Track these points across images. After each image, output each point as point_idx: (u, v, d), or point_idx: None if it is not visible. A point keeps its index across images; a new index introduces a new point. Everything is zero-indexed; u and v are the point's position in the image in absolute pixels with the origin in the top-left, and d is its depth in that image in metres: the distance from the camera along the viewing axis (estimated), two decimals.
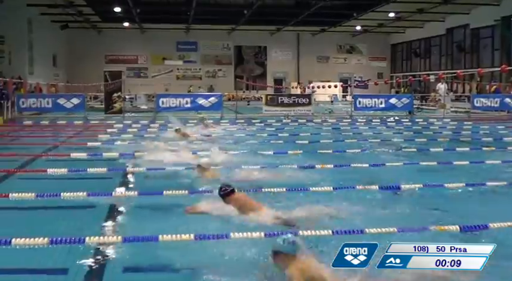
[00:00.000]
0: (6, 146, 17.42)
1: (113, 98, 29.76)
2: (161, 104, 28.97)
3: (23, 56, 38.25)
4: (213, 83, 53.69)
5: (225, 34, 53.49)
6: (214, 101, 29.07)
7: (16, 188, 9.20)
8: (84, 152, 14.35)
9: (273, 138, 18.47)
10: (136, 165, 12.25)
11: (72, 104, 28.87)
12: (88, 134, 20.60)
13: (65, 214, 7.93)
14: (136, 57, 54.92)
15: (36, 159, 13.74)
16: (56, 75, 46.55)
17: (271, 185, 9.43)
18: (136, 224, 7.54)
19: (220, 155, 12.99)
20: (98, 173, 11.15)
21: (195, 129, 20.99)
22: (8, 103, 28.27)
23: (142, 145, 16.28)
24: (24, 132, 21.29)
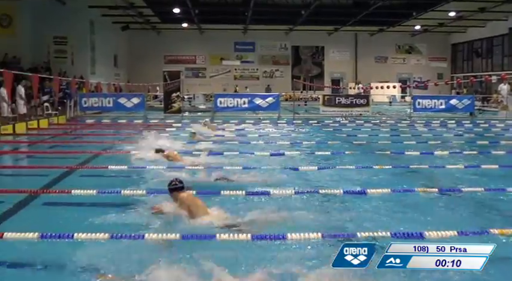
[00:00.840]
0: (68, 144, 17.86)
1: (172, 98, 30.19)
2: (219, 104, 29.19)
3: (85, 56, 39.17)
4: (270, 83, 53.76)
5: (282, 34, 53.48)
6: (272, 101, 29.10)
7: (78, 185, 9.49)
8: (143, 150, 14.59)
9: (330, 138, 18.36)
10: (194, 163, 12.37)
11: (132, 104, 29.43)
12: (148, 132, 20.89)
13: (124, 210, 8.05)
14: (194, 57, 55.49)
15: (97, 156, 14.06)
16: (116, 75, 47.49)
17: (330, 186, 9.43)
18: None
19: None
20: (156, 171, 11.34)
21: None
22: (71, 102, 29.06)
23: (200, 143, 16.47)
24: (86, 131, 21.78)
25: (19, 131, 21.14)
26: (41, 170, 11.81)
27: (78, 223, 7.33)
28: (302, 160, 13.32)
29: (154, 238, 6.31)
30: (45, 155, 14.96)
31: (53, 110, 27.49)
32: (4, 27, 34.11)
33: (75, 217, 7.67)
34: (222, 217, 7.49)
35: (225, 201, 8.38)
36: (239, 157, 13.74)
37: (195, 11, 41.40)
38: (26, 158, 15.22)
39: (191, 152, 14.12)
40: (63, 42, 37.83)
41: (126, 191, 8.92)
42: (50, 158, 14.06)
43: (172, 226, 7.09)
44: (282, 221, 7.45)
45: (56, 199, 8.80)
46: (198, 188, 8.71)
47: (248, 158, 13.59)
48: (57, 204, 8.51)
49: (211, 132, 19.82)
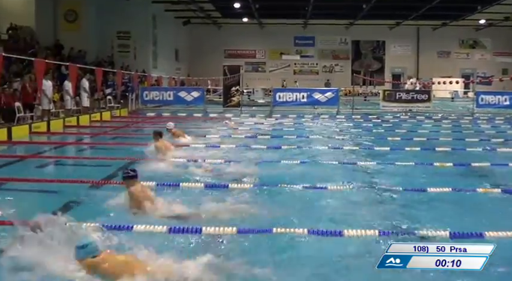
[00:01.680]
0: (130, 135, 18.18)
1: (231, 92, 30.38)
2: (278, 99, 29.18)
3: (148, 50, 39.84)
4: (329, 78, 53.47)
5: (342, 29, 53.09)
6: (331, 96, 28.89)
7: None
8: (203, 143, 14.80)
9: (389, 134, 18.13)
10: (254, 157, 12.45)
11: (192, 97, 29.73)
12: (207, 125, 21.15)
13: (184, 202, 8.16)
14: (254, 52, 55.70)
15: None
16: (177, 69, 48.10)
17: (389, 183, 9.34)
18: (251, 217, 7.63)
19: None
20: (215, 164, 11.46)
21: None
22: (133, 96, 29.63)
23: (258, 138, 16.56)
24: (146, 124, 22.14)
25: (83, 123, 21.71)
26: (103, 161, 12.05)
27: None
28: (360, 155, 13.21)
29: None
30: (107, 146, 15.31)
31: (115, 103, 28.10)
32: (70, 23, 35.04)
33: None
34: (170, 208, 7.48)
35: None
36: (298, 150, 13.75)
37: (255, 6, 41.50)
38: (89, 149, 15.54)
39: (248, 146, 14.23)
40: (126, 37, 38.59)
41: (185, 184, 9.07)
42: (112, 150, 14.33)
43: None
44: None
45: (119, 190, 8.96)
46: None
47: (306, 152, 13.60)
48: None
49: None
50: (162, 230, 6.38)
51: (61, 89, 23.21)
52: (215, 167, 10.97)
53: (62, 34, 34.42)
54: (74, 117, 22.01)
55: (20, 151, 15.24)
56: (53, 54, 28.81)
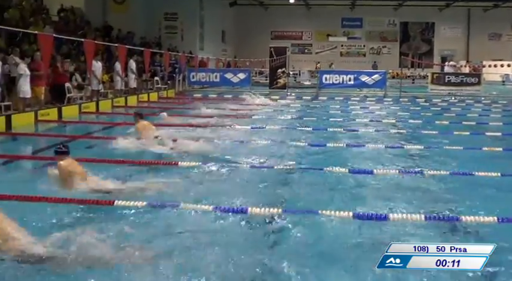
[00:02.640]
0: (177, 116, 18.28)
1: (277, 74, 30.36)
2: (324, 81, 29.03)
3: (194, 32, 40.00)
4: (377, 60, 52.81)
5: (391, 10, 52.22)
6: (378, 78, 28.58)
7: (185, 158, 9.85)
8: (248, 126, 14.88)
9: (438, 117, 17.88)
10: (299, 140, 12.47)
11: (238, 79, 29.84)
12: (252, 107, 21.20)
13: (230, 183, 8.25)
14: (301, 33, 55.36)
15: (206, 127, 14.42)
16: (224, 51, 48.21)
17: (436, 167, 9.24)
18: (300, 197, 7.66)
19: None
20: (262, 145, 11.53)
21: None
22: (180, 77, 29.89)
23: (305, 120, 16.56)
24: (193, 105, 22.30)
25: (130, 104, 22.03)
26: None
27: (183, 193, 7.58)
28: (407, 139, 13.09)
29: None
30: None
31: (162, 84, 28.40)
32: (118, 4, 35.47)
33: (179, 189, 7.92)
34: (100, 183, 7.75)
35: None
36: (343, 134, 13.70)
37: None
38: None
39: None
40: (173, 18, 38.83)
41: (232, 165, 9.18)
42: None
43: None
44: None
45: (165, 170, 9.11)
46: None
47: (352, 134, 13.55)
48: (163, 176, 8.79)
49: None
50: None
51: (110, 70, 23.57)
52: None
53: (110, 15, 34.88)
54: (122, 98, 22.36)
55: (69, 130, 15.54)
56: (102, 36, 29.22)
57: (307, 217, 6.39)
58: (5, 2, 24.06)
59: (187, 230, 6.00)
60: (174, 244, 5.56)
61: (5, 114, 14.99)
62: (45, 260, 5.07)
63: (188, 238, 5.77)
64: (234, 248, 5.48)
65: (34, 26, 22.78)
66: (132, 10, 35.32)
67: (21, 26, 20.77)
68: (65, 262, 5.02)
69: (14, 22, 21.38)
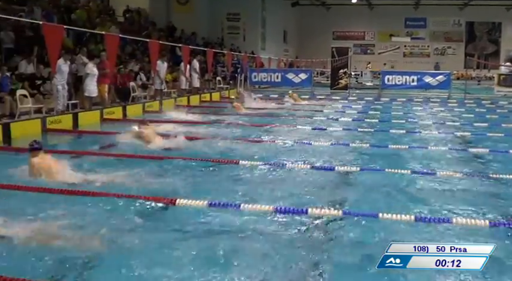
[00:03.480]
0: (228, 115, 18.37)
1: (339, 74, 30.19)
2: (386, 81, 28.66)
3: (256, 32, 40.21)
4: (441, 61, 51.75)
5: (456, 10, 51.14)
6: (442, 79, 27.98)
7: (245, 157, 9.93)
8: (309, 126, 14.86)
9: (504, 120, 17.41)
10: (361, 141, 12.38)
11: (299, 79, 29.80)
12: (314, 108, 21.17)
13: (291, 183, 8.27)
14: (363, 33, 54.88)
15: (267, 127, 14.51)
16: (285, 51, 48.27)
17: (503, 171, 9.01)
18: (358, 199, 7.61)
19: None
20: (322, 146, 11.52)
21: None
22: (242, 77, 30.08)
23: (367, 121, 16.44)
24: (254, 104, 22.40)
25: (193, 103, 22.32)
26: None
27: (244, 194, 7.62)
28: (471, 141, 12.82)
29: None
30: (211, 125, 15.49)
31: (224, 84, 28.66)
32: (182, 5, 36.01)
33: (239, 188, 7.99)
34: (73, 176, 8.04)
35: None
36: (405, 135, 13.53)
37: None
38: (201, 129, 15.72)
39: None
40: (235, 18, 39.15)
41: (292, 165, 9.19)
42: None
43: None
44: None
45: (224, 168, 9.19)
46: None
47: (414, 137, 13.36)
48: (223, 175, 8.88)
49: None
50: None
51: (173, 69, 23.95)
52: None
53: (174, 16, 35.46)
54: (184, 98, 22.68)
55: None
56: (166, 36, 29.71)
57: (367, 220, 6.34)
58: (73, 3, 24.76)
59: (247, 230, 6.04)
60: (234, 244, 5.61)
61: (72, 112, 15.43)
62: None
63: (247, 238, 5.81)
64: (291, 249, 5.49)
65: (100, 26, 23.36)
66: (196, 11, 35.80)
67: (88, 27, 21.32)
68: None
69: (81, 23, 21.98)
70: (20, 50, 17.24)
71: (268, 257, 5.26)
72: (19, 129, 12.78)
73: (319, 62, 39.35)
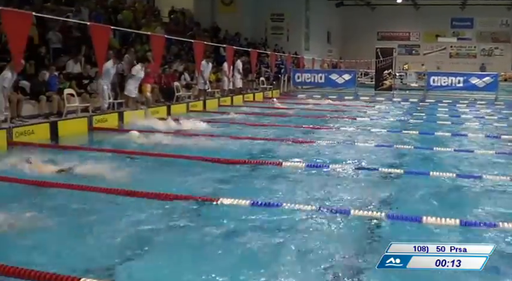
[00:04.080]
0: (280, 117, 18.37)
1: (383, 75, 29.93)
2: (432, 83, 28.27)
3: (300, 32, 40.13)
4: (487, 62, 50.74)
5: (504, 10, 50.01)
6: (489, 81, 27.45)
7: (288, 157, 9.94)
8: (354, 126, 14.81)
9: None
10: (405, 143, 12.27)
11: (343, 80, 29.65)
12: (357, 109, 21.06)
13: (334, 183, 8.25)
14: (408, 34, 54.22)
15: (312, 130, 14.50)
16: (329, 52, 48.07)
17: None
18: (401, 202, 7.53)
19: None
20: (365, 147, 11.45)
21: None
22: (285, 77, 30.08)
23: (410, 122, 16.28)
24: (298, 106, 22.39)
25: (236, 103, 22.43)
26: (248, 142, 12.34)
27: (285, 193, 7.64)
28: None
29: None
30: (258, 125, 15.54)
31: (267, 85, 28.70)
32: (226, 5, 36.19)
33: (284, 188, 7.99)
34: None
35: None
36: (451, 138, 13.34)
37: None
38: (243, 128, 15.74)
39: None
40: (279, 19, 39.14)
41: (334, 166, 9.16)
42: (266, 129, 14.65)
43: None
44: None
45: (266, 170, 9.21)
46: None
47: (460, 139, 13.18)
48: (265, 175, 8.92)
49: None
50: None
51: (217, 70, 24.10)
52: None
53: (218, 17, 35.66)
54: (228, 98, 22.81)
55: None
56: (210, 37, 29.90)
57: (411, 224, 6.27)
58: (120, 4, 25.13)
59: (290, 229, 6.06)
60: (276, 243, 5.64)
61: (117, 111, 15.67)
62: None
63: (290, 237, 5.83)
64: (332, 249, 5.49)
65: (146, 27, 23.65)
66: (240, 11, 35.95)
67: (134, 27, 21.61)
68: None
69: (127, 23, 22.29)
70: (68, 50, 17.58)
71: (309, 256, 5.29)
72: (66, 127, 13.05)
73: (363, 62, 39.08)
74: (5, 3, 15.22)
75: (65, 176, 8.24)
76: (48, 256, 5.21)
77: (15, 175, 8.12)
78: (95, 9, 21.77)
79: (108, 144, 11.85)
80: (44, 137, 12.21)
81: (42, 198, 7.20)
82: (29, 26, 12.44)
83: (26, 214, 6.27)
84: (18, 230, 5.85)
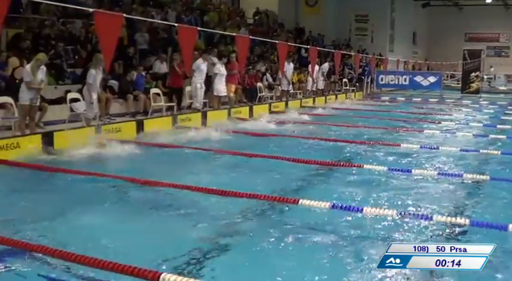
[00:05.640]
0: (362, 118, 18.12)
1: (470, 78, 29.15)
2: None
3: (385, 33, 39.56)
4: None
5: None
6: None
7: (368, 160, 9.89)
8: (437, 130, 14.54)
9: None
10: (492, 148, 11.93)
11: (428, 82, 29.11)
12: (443, 112, 20.64)
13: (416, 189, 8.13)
14: (498, 35, 52.42)
15: (390, 131, 14.34)
16: (414, 53, 47.17)
17: None
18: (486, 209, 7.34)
19: None
20: (449, 152, 11.21)
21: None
22: (368, 79, 29.80)
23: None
24: (381, 107, 22.16)
25: (318, 104, 22.41)
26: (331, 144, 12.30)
27: (366, 197, 7.60)
28: None
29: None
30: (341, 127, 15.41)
31: (350, 86, 28.51)
32: (310, 7, 36.19)
33: (361, 192, 7.93)
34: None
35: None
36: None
37: None
38: (318, 128, 15.55)
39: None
40: (364, 20, 38.76)
41: (417, 171, 9.02)
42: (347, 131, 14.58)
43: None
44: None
45: (346, 172, 9.19)
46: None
47: None
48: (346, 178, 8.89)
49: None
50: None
51: (300, 71, 24.17)
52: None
53: (302, 18, 35.72)
54: (310, 99, 22.83)
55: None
56: (293, 38, 29.97)
57: (494, 233, 6.09)
58: (206, 6, 25.60)
59: (371, 233, 6.07)
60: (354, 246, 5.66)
61: (201, 110, 15.97)
62: None
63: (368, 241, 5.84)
64: None
65: (230, 28, 23.98)
66: (324, 12, 35.86)
67: (219, 28, 21.96)
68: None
69: (212, 24, 22.69)
70: (154, 51, 18.07)
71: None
72: (152, 125, 13.43)
73: (449, 64, 38.17)
74: (96, 5, 15.89)
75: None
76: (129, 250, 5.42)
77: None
78: (181, 11, 22.27)
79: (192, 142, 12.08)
80: (131, 135, 12.61)
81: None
82: (119, 28, 12.86)
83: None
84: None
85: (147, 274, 4.45)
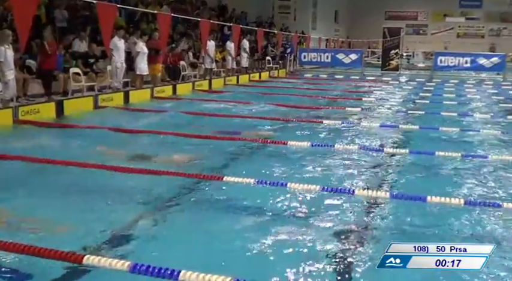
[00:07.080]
0: (287, 95, 18.29)
1: (390, 55, 29.78)
2: (439, 63, 28.15)
3: (307, 12, 39.88)
4: (496, 42, 50.36)
5: None
6: (497, 61, 27.23)
7: (293, 137, 9.92)
8: (359, 108, 14.79)
9: None
10: (410, 123, 12.25)
11: (350, 60, 29.50)
12: (364, 89, 21.03)
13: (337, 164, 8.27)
14: (416, 13, 53.83)
15: (316, 110, 14.47)
16: (336, 31, 47.79)
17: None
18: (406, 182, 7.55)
19: None
20: (369, 128, 11.44)
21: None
22: (291, 57, 29.99)
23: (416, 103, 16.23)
24: (305, 85, 22.36)
25: (242, 83, 22.40)
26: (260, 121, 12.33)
27: (291, 174, 7.62)
28: None
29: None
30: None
31: (274, 64, 28.62)
32: None
33: (287, 168, 7.98)
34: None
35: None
36: (457, 118, 13.31)
37: None
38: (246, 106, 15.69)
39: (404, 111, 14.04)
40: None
41: (339, 146, 9.15)
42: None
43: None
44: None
45: (273, 149, 9.24)
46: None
47: (467, 119, 13.15)
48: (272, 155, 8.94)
49: None
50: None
51: (223, 49, 24.04)
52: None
53: None
54: (234, 77, 22.78)
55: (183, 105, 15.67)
56: (216, 15, 29.75)
57: (414, 203, 6.25)
58: None
59: (293, 208, 6.12)
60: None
61: (123, 90, 15.69)
62: None
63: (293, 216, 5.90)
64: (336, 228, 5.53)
65: (152, 5, 23.54)
66: None
67: (140, 6, 21.52)
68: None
69: (134, 2, 22.19)
70: (73, 29, 17.54)
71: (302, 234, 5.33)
72: (72, 106, 13.07)
73: (370, 42, 38.88)
74: None
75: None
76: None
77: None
78: None
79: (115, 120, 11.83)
80: (50, 116, 12.23)
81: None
82: (35, 4, 12.40)
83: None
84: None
85: (69, 257, 4.33)
